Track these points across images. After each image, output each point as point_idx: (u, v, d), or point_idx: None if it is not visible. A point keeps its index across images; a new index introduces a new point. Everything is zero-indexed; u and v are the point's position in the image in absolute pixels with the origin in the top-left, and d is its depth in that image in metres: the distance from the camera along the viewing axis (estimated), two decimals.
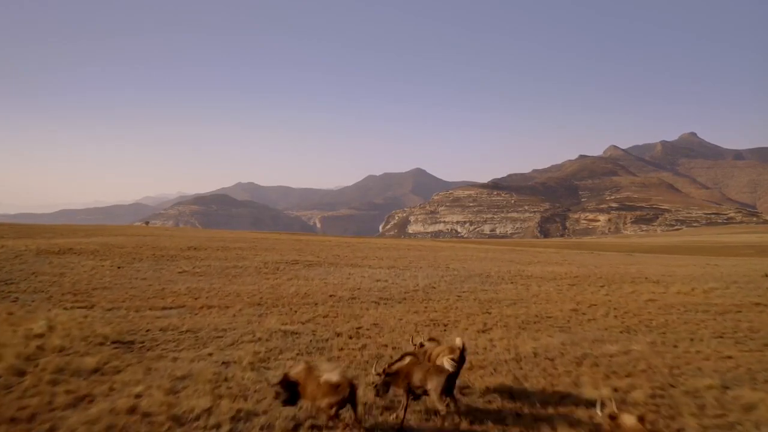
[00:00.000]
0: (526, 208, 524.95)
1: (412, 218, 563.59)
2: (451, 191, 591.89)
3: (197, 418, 9.09)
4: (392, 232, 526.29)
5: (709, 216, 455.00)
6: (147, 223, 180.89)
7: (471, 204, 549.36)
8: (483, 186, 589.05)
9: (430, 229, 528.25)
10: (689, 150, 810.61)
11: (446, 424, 9.07)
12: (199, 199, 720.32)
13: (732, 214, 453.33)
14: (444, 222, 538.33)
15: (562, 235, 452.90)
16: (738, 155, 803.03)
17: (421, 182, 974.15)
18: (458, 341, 10.17)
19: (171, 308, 18.59)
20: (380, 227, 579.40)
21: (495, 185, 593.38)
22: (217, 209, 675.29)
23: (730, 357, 13.89)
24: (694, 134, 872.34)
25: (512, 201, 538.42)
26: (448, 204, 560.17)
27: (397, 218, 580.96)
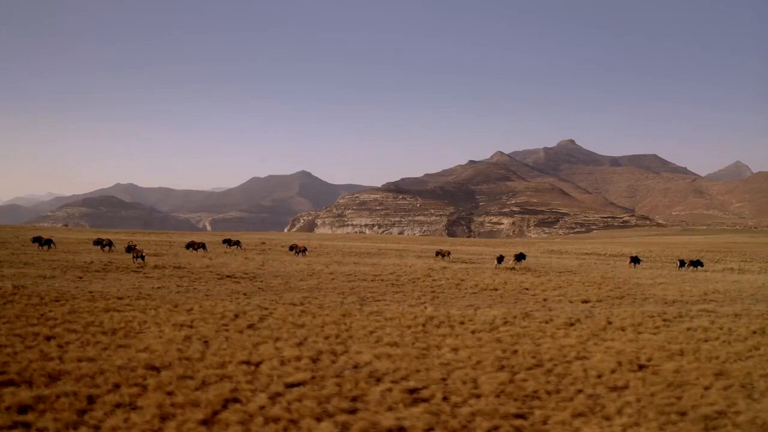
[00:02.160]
0: (432, 211, 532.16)
1: (318, 221, 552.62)
2: (357, 194, 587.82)
3: None
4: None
5: (605, 220, 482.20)
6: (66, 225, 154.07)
7: (378, 207, 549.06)
8: (387, 189, 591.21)
9: (338, 231, 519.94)
10: (569, 156, 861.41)
11: None
12: (87, 201, 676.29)
13: (627, 218, 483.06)
14: (352, 225, 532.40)
15: (469, 237, 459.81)
16: (614, 161, 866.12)
17: (308, 184, 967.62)
18: None
19: None
20: (286, 230, 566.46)
21: (398, 189, 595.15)
22: (106, 211, 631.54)
23: None
24: (572, 141, 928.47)
25: (417, 205, 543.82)
26: (354, 207, 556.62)
27: (303, 221, 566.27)
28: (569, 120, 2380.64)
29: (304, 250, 53.86)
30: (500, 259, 45.73)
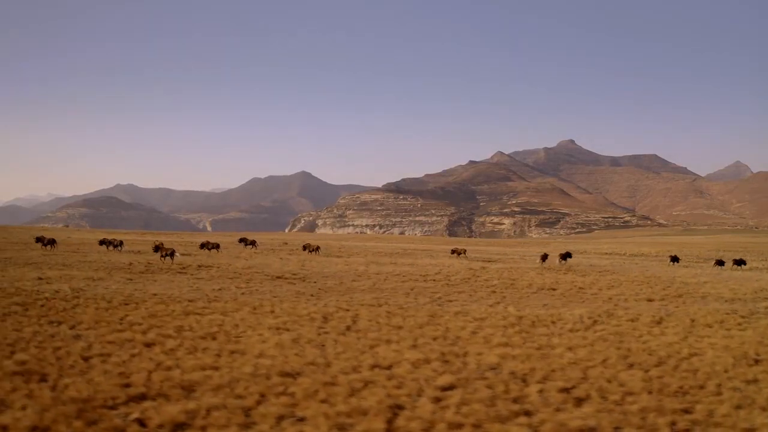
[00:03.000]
0: (433, 212, 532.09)
1: (319, 221, 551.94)
2: (357, 195, 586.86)
3: None
4: None
5: (606, 220, 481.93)
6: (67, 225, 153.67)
7: (379, 208, 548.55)
8: (388, 190, 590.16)
9: (339, 232, 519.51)
10: (570, 156, 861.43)
11: None
12: (88, 202, 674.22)
13: (628, 218, 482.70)
14: (353, 225, 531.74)
15: (470, 237, 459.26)
16: (615, 161, 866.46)
17: (308, 185, 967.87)
18: None
19: None
20: (286, 230, 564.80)
21: (398, 189, 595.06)
22: (106, 212, 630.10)
23: None
24: (572, 141, 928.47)
25: (418, 205, 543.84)
26: (355, 208, 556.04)
27: (303, 221, 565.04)
28: (569, 120, 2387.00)
29: (317, 248, 54.88)
30: (544, 257, 45.39)
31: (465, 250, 58.01)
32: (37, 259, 35.35)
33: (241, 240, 64.14)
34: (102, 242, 53.15)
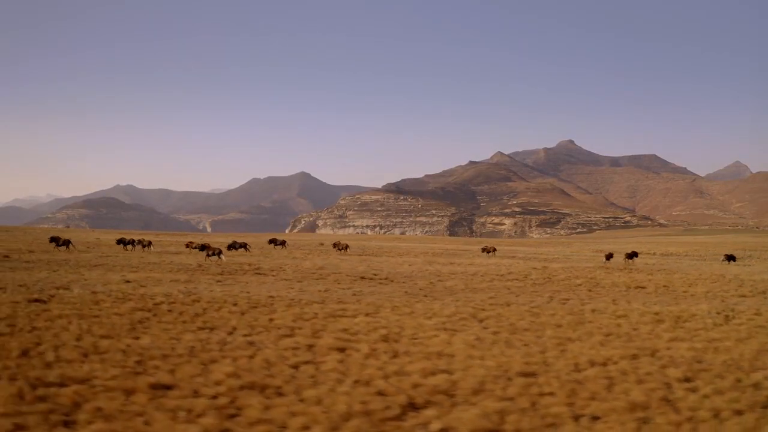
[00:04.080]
0: (434, 212, 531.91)
1: (320, 222, 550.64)
2: (358, 195, 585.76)
3: None
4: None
5: (607, 220, 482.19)
6: (68, 226, 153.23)
7: (379, 208, 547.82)
8: (388, 190, 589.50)
9: (340, 232, 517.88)
10: (569, 156, 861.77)
11: None
12: (88, 203, 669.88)
13: (628, 218, 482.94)
14: (353, 226, 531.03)
15: (471, 237, 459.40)
16: (614, 162, 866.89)
17: (307, 186, 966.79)
18: None
19: None
20: (287, 231, 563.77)
21: (399, 189, 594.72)
22: (106, 212, 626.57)
23: None
24: (572, 141, 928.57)
25: (419, 205, 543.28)
26: (356, 208, 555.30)
27: (303, 222, 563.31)
28: (569, 120, 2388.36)
29: (347, 247, 57.02)
30: (609, 256, 45.79)
31: (495, 248, 59.21)
32: (94, 260, 34.49)
33: (271, 241, 63.99)
34: (120, 242, 52.25)
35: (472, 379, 9.94)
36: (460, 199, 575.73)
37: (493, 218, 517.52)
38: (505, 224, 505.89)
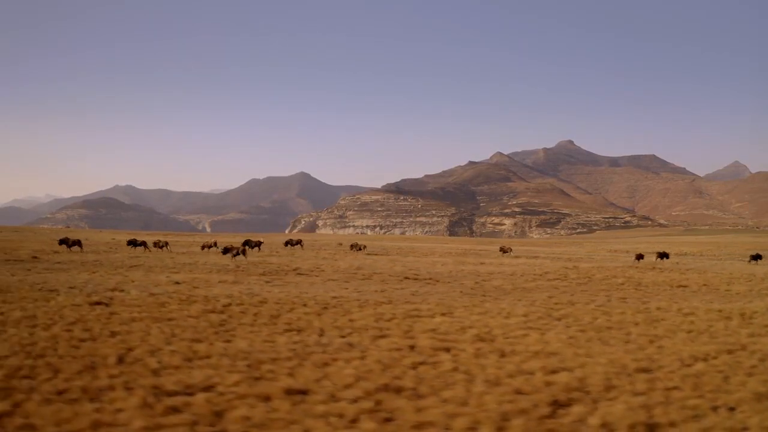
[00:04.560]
0: (434, 212, 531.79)
1: (320, 222, 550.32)
2: (358, 195, 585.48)
3: None
4: None
5: (607, 220, 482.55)
6: (68, 227, 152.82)
7: (379, 209, 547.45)
8: (388, 190, 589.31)
9: (340, 233, 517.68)
10: (569, 156, 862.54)
11: None
12: (87, 203, 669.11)
13: (628, 218, 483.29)
14: (353, 226, 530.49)
15: (471, 237, 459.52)
16: (614, 162, 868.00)
17: (307, 186, 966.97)
18: None
19: None
20: (287, 231, 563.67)
21: (399, 190, 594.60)
22: (105, 212, 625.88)
23: None
24: (571, 141, 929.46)
25: (419, 205, 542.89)
26: (356, 208, 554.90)
27: (303, 222, 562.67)
28: (568, 120, 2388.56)
29: (364, 247, 58.23)
30: (640, 257, 45.70)
31: (511, 248, 60.20)
32: (127, 261, 34.17)
33: (287, 242, 63.86)
34: (131, 243, 51.23)
35: (597, 376, 10.02)
36: (459, 200, 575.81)
37: (493, 218, 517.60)
38: (505, 224, 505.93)
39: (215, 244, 57.08)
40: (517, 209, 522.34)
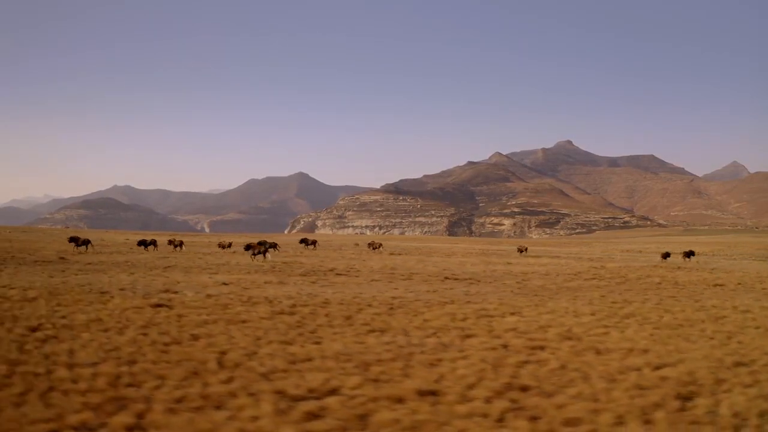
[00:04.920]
0: (433, 212, 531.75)
1: (319, 222, 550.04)
2: (357, 196, 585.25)
3: None
4: None
5: (606, 220, 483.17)
6: (67, 227, 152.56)
7: (378, 209, 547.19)
8: (387, 191, 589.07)
9: (339, 233, 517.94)
10: (567, 157, 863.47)
11: None
12: (86, 203, 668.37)
13: (627, 219, 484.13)
14: (353, 226, 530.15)
15: (470, 237, 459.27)
16: (612, 162, 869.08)
17: (306, 186, 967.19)
18: None
19: None
20: (286, 231, 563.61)
21: (398, 190, 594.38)
22: (105, 213, 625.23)
23: None
24: (570, 142, 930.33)
25: (418, 206, 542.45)
26: (355, 209, 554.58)
27: (303, 222, 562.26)
28: (567, 120, 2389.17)
29: (380, 246, 58.86)
30: (666, 255, 45.78)
31: (527, 248, 61.26)
32: (158, 262, 33.99)
33: (302, 241, 63.84)
34: (141, 243, 50.67)
35: (702, 371, 10.22)
36: (459, 200, 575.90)
37: (493, 218, 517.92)
38: (504, 224, 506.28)
39: (230, 244, 57.31)
40: (516, 209, 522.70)
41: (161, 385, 8.77)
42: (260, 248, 43.19)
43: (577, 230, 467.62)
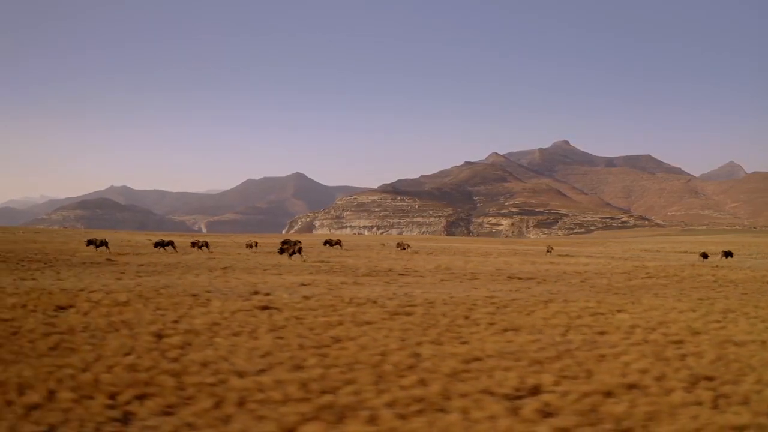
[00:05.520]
0: (431, 212, 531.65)
1: (317, 223, 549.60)
2: (355, 196, 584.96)
3: None
4: None
5: (604, 220, 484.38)
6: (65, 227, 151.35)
7: (376, 209, 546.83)
8: (385, 191, 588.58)
9: (337, 233, 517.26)
10: (564, 157, 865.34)
11: None
12: (83, 204, 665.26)
13: (625, 219, 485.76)
14: (350, 226, 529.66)
15: (469, 237, 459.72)
16: (609, 162, 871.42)
17: (303, 186, 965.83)
18: None
19: None
20: (283, 231, 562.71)
21: (395, 190, 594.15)
22: (102, 213, 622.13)
23: None
24: (567, 142, 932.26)
25: (416, 206, 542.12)
26: (353, 209, 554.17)
27: (300, 223, 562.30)
28: (563, 121, 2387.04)
29: (408, 246, 60.25)
30: (705, 255, 46.19)
31: (552, 248, 61.57)
32: (208, 263, 34.05)
33: (326, 242, 63.92)
34: (157, 244, 49.53)
35: None
36: (456, 200, 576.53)
37: (491, 218, 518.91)
38: (502, 224, 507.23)
39: (256, 244, 57.46)
40: (514, 209, 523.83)
41: (360, 390, 8.46)
42: (295, 248, 43.31)
43: (575, 230, 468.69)
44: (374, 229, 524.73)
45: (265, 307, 15.96)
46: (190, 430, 7.07)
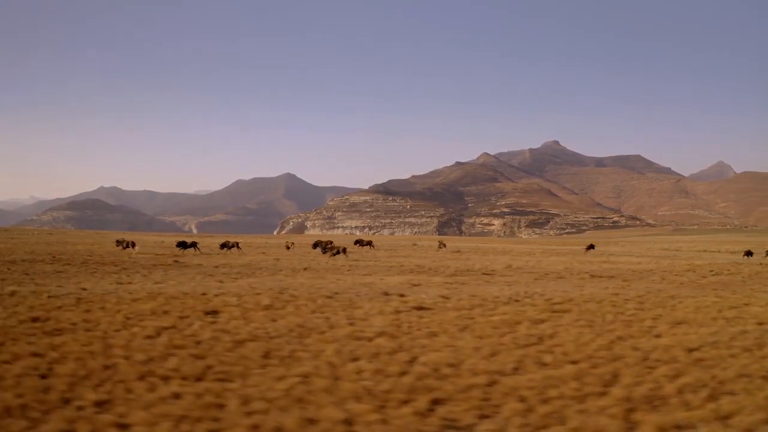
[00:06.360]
0: (422, 213, 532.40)
1: (308, 223, 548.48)
2: (346, 196, 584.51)
3: None
4: None
5: (595, 220, 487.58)
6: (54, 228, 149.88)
7: (368, 209, 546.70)
8: (376, 191, 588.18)
9: (329, 233, 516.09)
10: (554, 157, 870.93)
11: None
12: (72, 205, 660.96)
13: (616, 218, 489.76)
14: (342, 227, 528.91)
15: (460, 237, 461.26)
16: (599, 162, 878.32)
17: (293, 187, 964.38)
18: None
19: None
20: (275, 232, 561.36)
21: (387, 190, 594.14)
22: (91, 214, 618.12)
23: None
24: (557, 142, 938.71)
25: (408, 206, 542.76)
26: (344, 209, 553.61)
27: (292, 223, 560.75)
28: (553, 121, 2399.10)
29: (445, 245, 61.65)
30: (749, 253, 48.89)
31: (594, 245, 63.23)
32: (276, 264, 34.27)
33: (357, 242, 63.90)
34: (181, 245, 47.31)
35: None
36: (448, 200, 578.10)
37: (482, 219, 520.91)
38: (494, 225, 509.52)
39: (293, 244, 58.07)
40: (505, 209, 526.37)
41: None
42: (338, 248, 43.66)
43: (567, 230, 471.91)
44: (366, 229, 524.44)
45: (419, 308, 15.47)
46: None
